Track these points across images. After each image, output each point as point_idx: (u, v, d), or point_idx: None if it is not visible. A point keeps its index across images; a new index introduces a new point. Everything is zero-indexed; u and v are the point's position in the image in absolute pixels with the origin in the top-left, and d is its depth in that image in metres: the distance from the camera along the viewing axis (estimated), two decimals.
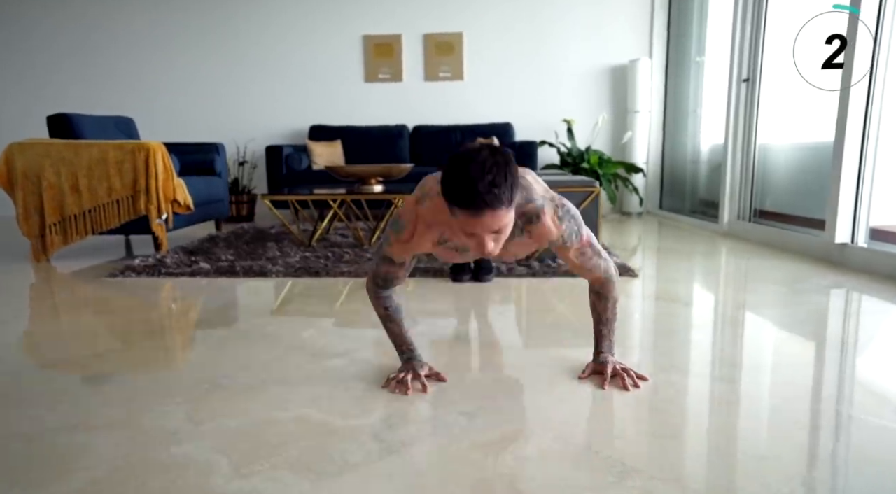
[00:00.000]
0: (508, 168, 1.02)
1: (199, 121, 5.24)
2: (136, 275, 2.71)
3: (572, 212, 1.24)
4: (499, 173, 1.00)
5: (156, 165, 3.07)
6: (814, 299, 2.15)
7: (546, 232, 1.21)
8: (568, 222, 1.23)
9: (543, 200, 1.21)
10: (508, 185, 1.02)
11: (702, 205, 4.69)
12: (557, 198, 1.25)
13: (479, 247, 1.07)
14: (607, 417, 1.21)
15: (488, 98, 5.17)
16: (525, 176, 1.22)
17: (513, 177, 1.03)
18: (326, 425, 1.17)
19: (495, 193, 1.00)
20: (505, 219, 1.05)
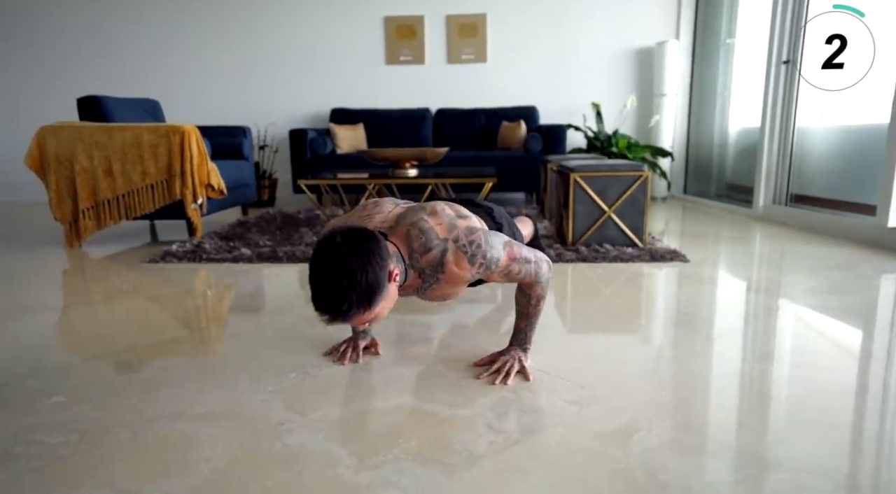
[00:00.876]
0: (365, 267, 0.99)
1: (219, 104, 5.16)
2: (178, 261, 2.67)
3: (481, 245, 1.15)
4: (352, 279, 0.98)
5: (191, 149, 3.01)
6: (872, 284, 2.12)
7: (457, 277, 1.16)
8: (479, 258, 1.15)
9: (444, 243, 1.14)
10: (364, 292, 1.00)
11: (729, 189, 4.65)
12: (462, 233, 1.15)
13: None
14: (718, 405, 1.19)
15: (512, 80, 5.09)
16: (429, 220, 1.15)
17: (370, 275, 0.99)
18: (433, 414, 1.14)
19: (346, 308, 1.00)
20: (368, 316, 1.04)
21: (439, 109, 5.01)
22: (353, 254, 0.99)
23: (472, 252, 1.15)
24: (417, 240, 1.14)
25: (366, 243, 1.02)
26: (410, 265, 1.16)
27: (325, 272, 0.99)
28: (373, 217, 1.22)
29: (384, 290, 1.04)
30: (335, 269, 0.98)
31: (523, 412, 1.15)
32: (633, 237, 2.73)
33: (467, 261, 1.15)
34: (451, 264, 1.14)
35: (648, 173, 2.70)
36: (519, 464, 0.96)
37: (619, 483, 0.90)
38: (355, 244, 1.01)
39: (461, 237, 1.16)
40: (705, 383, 1.29)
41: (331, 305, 1.00)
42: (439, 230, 1.15)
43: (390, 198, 1.30)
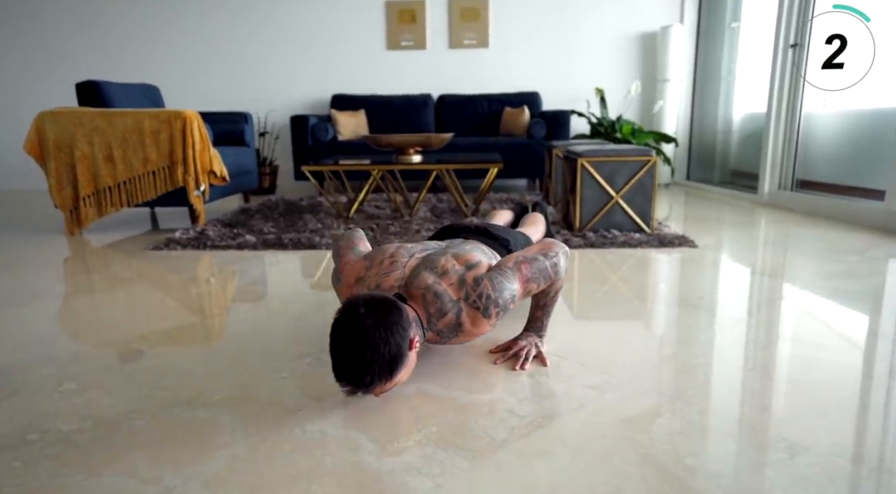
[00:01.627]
0: (388, 338, 0.98)
1: (219, 90, 5.09)
2: (182, 248, 2.64)
3: (490, 295, 1.15)
4: (375, 352, 0.96)
5: (192, 135, 2.97)
6: (885, 268, 2.11)
7: (476, 332, 1.18)
8: (493, 309, 1.16)
9: (457, 305, 1.15)
10: (387, 363, 0.98)
11: (732, 175, 4.63)
12: (471, 289, 1.16)
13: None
14: (742, 389, 1.17)
15: (515, 66, 5.03)
16: (441, 282, 1.16)
17: (393, 347, 0.98)
18: (452, 399, 1.13)
19: (369, 380, 0.98)
20: (389, 386, 1.03)
21: (441, 95, 4.96)
22: (377, 327, 0.98)
23: (485, 305, 1.16)
24: (433, 305, 1.15)
25: (388, 314, 1.00)
26: (428, 328, 1.17)
27: (349, 345, 0.97)
28: (389, 275, 1.20)
29: (405, 359, 1.03)
30: (359, 342, 0.97)
31: (543, 397, 1.14)
32: (641, 223, 2.71)
33: (482, 317, 1.16)
34: (467, 324, 1.17)
35: (656, 158, 2.67)
36: (543, 448, 0.95)
37: (648, 468, 0.89)
38: (379, 315, 0.99)
39: (470, 294, 1.16)
40: (726, 368, 1.28)
41: (354, 378, 0.98)
42: (451, 292, 1.16)
43: (403, 249, 1.27)
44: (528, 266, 1.22)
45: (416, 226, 2.98)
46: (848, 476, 0.86)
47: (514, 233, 1.62)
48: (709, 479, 0.86)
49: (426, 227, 2.95)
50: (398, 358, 1.00)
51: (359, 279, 1.24)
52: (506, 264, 1.22)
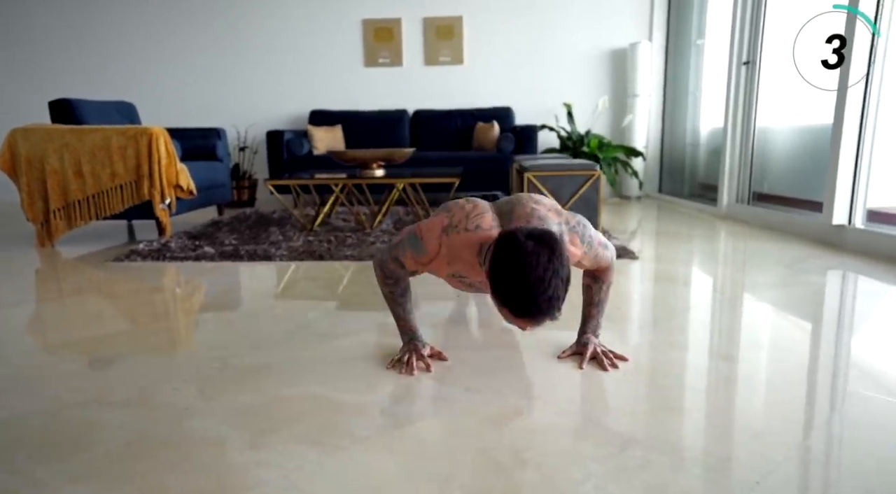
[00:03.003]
0: (565, 270, 1.01)
1: (200, 106, 5.23)
2: (142, 259, 2.74)
3: (585, 224, 1.25)
4: (559, 286, 0.99)
5: (158, 150, 3.08)
6: (812, 280, 2.18)
7: (571, 256, 1.21)
8: (587, 236, 1.23)
9: (560, 226, 1.19)
10: (565, 294, 1.01)
11: (701, 188, 4.71)
12: (570, 218, 1.23)
13: (518, 327, 1.06)
14: (608, 393, 1.25)
15: (489, 82, 5.15)
16: (539, 207, 1.20)
17: (567, 279, 1.02)
18: (335, 402, 1.20)
19: (556, 308, 1.00)
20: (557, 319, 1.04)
21: (416, 110, 5.08)
22: (550, 255, 0.99)
23: (581, 231, 1.23)
24: (542, 224, 1.16)
25: (557, 245, 1.02)
26: None
27: (534, 277, 0.97)
28: (483, 215, 1.18)
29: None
30: (544, 276, 0.98)
31: (421, 398, 1.22)
32: None
33: (579, 239, 1.22)
34: (568, 244, 1.20)
35: (600, 172, 2.76)
36: (397, 445, 1.02)
37: (483, 460, 0.96)
38: (548, 247, 1.00)
39: (570, 219, 1.23)
40: (600, 373, 1.35)
41: (546, 308, 0.99)
42: (552, 216, 1.20)
43: (464, 199, 1.26)
44: (600, 239, 1.30)
45: (373, 239, 3.07)
46: (663, 466, 0.93)
47: None
48: (534, 470, 0.93)
49: (381, 240, 3.03)
50: (569, 284, 1.04)
51: (447, 227, 1.18)
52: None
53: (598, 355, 1.37)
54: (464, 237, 1.16)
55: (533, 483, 0.90)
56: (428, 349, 1.40)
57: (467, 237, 1.15)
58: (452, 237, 1.17)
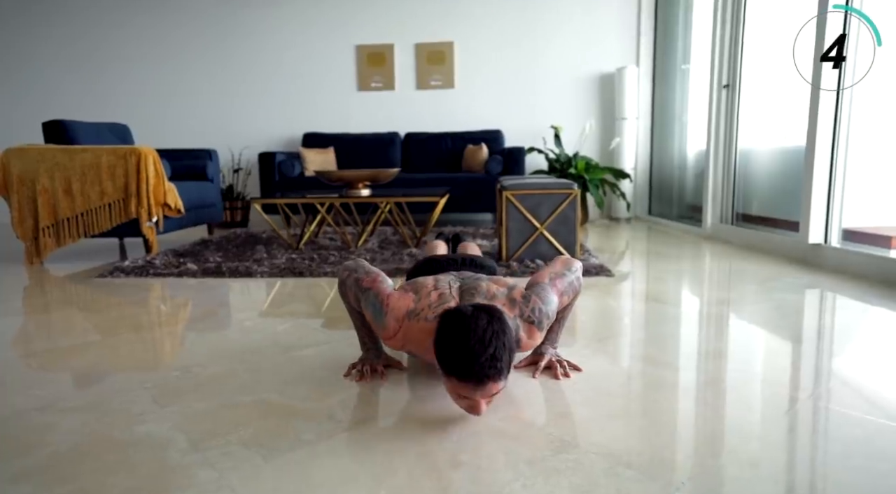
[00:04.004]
0: (506, 336, 1.04)
1: (195, 129, 5.34)
2: (125, 276, 2.77)
3: (541, 308, 1.24)
4: (499, 345, 1.02)
5: (147, 170, 3.15)
6: (787, 297, 2.20)
7: (532, 343, 1.25)
8: (545, 320, 1.24)
9: (514, 322, 1.21)
10: (508, 356, 1.04)
11: (689, 209, 4.75)
12: (525, 308, 1.23)
13: (471, 409, 1.07)
14: (555, 400, 1.26)
15: (479, 105, 5.25)
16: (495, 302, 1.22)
17: (510, 344, 1.05)
18: (286, 408, 1.22)
19: (497, 368, 1.02)
20: (502, 386, 1.06)
21: (408, 133, 5.17)
22: (491, 321, 1.05)
23: (539, 318, 1.24)
24: None
25: (501, 318, 1.07)
26: None
27: (474, 338, 1.02)
28: (444, 305, 1.22)
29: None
30: (484, 337, 1.02)
31: (369, 404, 1.23)
32: (565, 253, 2.82)
33: (536, 329, 1.24)
34: (524, 339, 1.24)
35: (577, 191, 2.80)
36: (337, 448, 1.04)
37: (419, 462, 0.98)
38: (491, 317, 1.06)
39: (524, 310, 1.23)
40: (553, 384, 1.36)
41: (486, 366, 1.01)
42: (507, 311, 1.22)
43: (440, 281, 1.29)
44: (560, 281, 1.33)
45: (355, 256, 3.11)
46: (595, 469, 0.95)
47: (489, 260, 1.71)
48: (467, 471, 0.95)
49: (364, 257, 3.07)
50: (513, 355, 1.08)
51: (411, 312, 1.23)
52: (541, 280, 1.31)
53: (552, 364, 1.39)
54: (423, 325, 1.20)
55: (463, 483, 0.91)
56: (384, 359, 1.43)
57: (428, 326, 1.19)
58: (413, 323, 1.21)
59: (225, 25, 5.26)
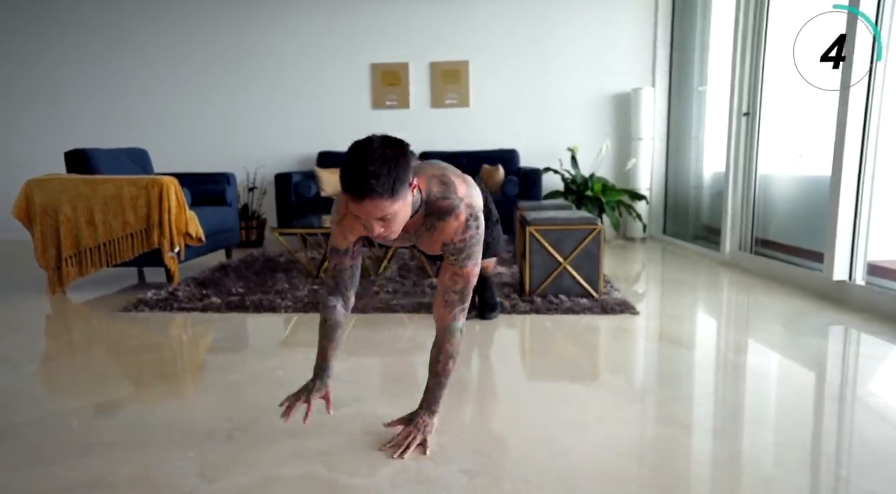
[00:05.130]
0: (395, 161, 1.10)
1: (210, 148, 5.36)
2: (149, 310, 2.78)
3: (479, 234, 1.30)
4: (382, 165, 1.08)
5: (169, 200, 3.16)
6: (812, 342, 2.19)
7: (448, 229, 1.28)
8: (470, 236, 1.29)
9: (460, 202, 1.28)
10: (390, 178, 1.09)
11: (705, 230, 4.74)
12: (476, 214, 1.30)
13: (368, 230, 1.16)
14: (606, 477, 1.26)
15: (494, 124, 5.25)
16: (451, 176, 1.30)
17: (397, 170, 1.10)
18: (333, 484, 1.22)
19: (372, 184, 1.08)
20: (388, 209, 1.12)
21: (423, 152, 5.17)
22: (386, 146, 1.12)
23: (472, 226, 1.30)
24: (439, 187, 1.28)
25: (400, 148, 1.14)
26: (423, 201, 1.28)
27: (360, 155, 1.10)
28: None
29: (406, 190, 1.14)
30: (370, 154, 1.10)
31: (417, 483, 1.23)
32: (589, 288, 2.81)
33: (466, 228, 1.29)
34: (451, 218, 1.28)
35: (601, 227, 2.80)
36: None
37: None
38: (390, 144, 1.13)
39: (475, 210, 1.30)
40: (600, 452, 1.36)
41: (361, 179, 1.08)
42: (460, 190, 1.29)
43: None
44: (471, 279, 1.35)
45: (377, 287, 3.11)
46: None
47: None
48: None
49: (385, 289, 3.07)
50: (399, 181, 1.12)
51: None
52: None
53: (402, 442, 1.34)
54: None
55: None
56: (322, 392, 1.45)
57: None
58: None
59: (240, 46, 5.29)
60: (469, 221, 1.30)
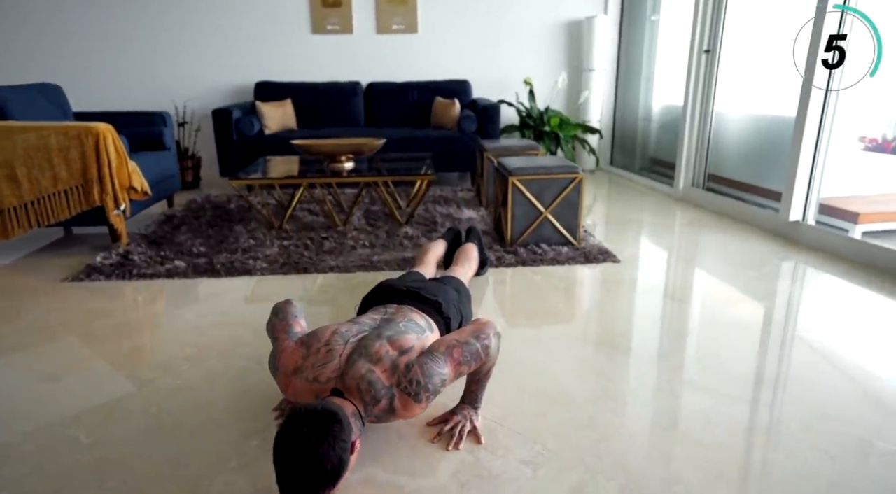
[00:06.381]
0: (321, 459, 1.01)
1: (130, 83, 4.73)
2: (105, 278, 2.53)
3: (420, 381, 1.21)
4: (308, 472, 1.00)
5: (107, 151, 2.79)
6: (785, 286, 2.36)
7: (408, 414, 1.23)
8: (423, 393, 1.21)
9: (389, 391, 1.20)
10: (320, 482, 1.02)
11: (651, 162, 4.88)
12: (402, 375, 1.21)
13: None
14: (655, 455, 1.32)
15: (444, 53, 4.98)
16: (371, 369, 1.21)
17: (327, 466, 1.02)
18: (398, 487, 1.21)
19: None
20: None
21: (370, 83, 4.86)
22: (320, 443, 1.02)
23: (415, 391, 1.21)
24: (368, 393, 1.20)
25: (330, 429, 1.04)
26: (366, 415, 1.21)
27: (295, 464, 1.01)
28: (326, 366, 1.25)
29: (347, 466, 1.08)
30: (305, 461, 1.01)
31: (482, 479, 1.24)
32: (569, 236, 2.85)
33: (413, 402, 1.21)
34: (399, 409, 1.21)
35: (582, 176, 2.80)
36: None
37: None
38: (321, 431, 1.03)
39: (402, 380, 1.21)
40: (642, 427, 1.42)
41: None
42: (384, 378, 1.22)
43: (338, 334, 1.32)
44: (461, 350, 1.28)
45: (352, 240, 2.99)
46: None
47: (444, 289, 1.67)
48: None
49: (361, 242, 2.96)
50: (340, 469, 1.06)
51: (297, 369, 1.28)
52: (438, 349, 1.28)
53: (454, 431, 1.37)
54: (305, 385, 1.25)
55: None
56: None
57: (308, 387, 1.25)
58: (298, 380, 1.27)
59: None
60: (410, 391, 1.21)
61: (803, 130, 2.83)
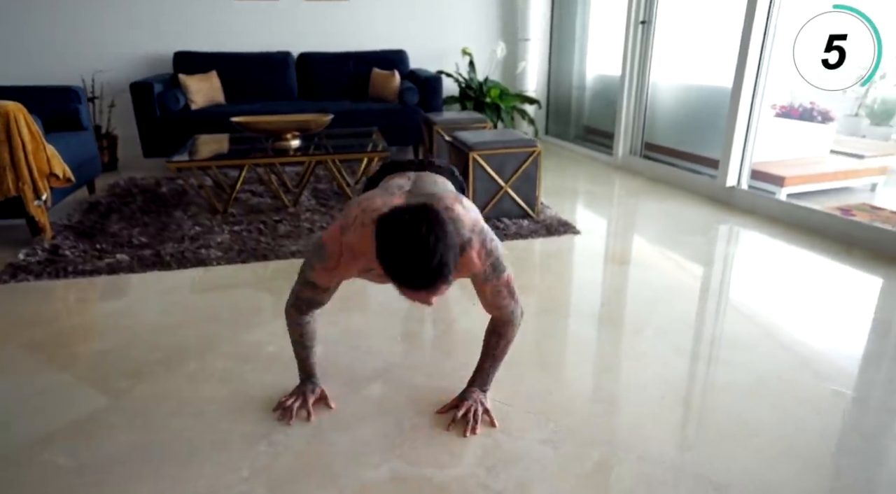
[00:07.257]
0: (447, 237, 1.00)
1: (29, 52, 4.18)
2: (34, 278, 2.27)
3: (498, 249, 1.23)
4: (445, 250, 0.99)
5: (20, 133, 2.48)
6: (732, 250, 2.53)
7: (470, 264, 1.21)
8: (492, 259, 1.22)
9: (472, 234, 1.18)
10: (454, 258, 1.02)
11: (585, 131, 5.01)
12: (485, 232, 1.22)
13: (422, 303, 1.07)
14: (665, 425, 1.39)
15: (377, 21, 4.79)
16: (454, 207, 1.19)
17: (452, 242, 1.02)
18: (427, 480, 1.19)
19: (444, 273, 1.00)
20: (450, 283, 1.06)
21: (302, 53, 4.60)
22: (431, 229, 0.99)
23: (490, 250, 1.21)
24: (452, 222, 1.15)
25: (440, 220, 1.01)
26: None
27: (416, 250, 0.97)
28: (379, 210, 1.16)
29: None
30: (438, 237, 0.98)
31: (508, 462, 1.25)
32: (528, 209, 2.88)
33: (486, 255, 1.20)
34: (472, 252, 1.18)
35: (540, 149, 2.82)
36: None
37: None
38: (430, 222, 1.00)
39: (484, 232, 1.21)
40: (647, 397, 1.49)
41: (431, 276, 0.98)
42: (467, 220, 1.18)
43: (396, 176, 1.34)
44: (510, 281, 1.28)
45: (307, 222, 2.86)
46: None
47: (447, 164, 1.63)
48: None
49: (318, 224, 2.84)
50: (456, 256, 1.04)
51: (344, 227, 1.19)
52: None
53: (468, 416, 1.35)
54: (361, 233, 1.15)
55: None
56: (318, 392, 1.44)
57: (364, 232, 1.14)
58: (350, 236, 1.17)
59: None
60: (486, 247, 1.20)
61: (739, 100, 3.00)
